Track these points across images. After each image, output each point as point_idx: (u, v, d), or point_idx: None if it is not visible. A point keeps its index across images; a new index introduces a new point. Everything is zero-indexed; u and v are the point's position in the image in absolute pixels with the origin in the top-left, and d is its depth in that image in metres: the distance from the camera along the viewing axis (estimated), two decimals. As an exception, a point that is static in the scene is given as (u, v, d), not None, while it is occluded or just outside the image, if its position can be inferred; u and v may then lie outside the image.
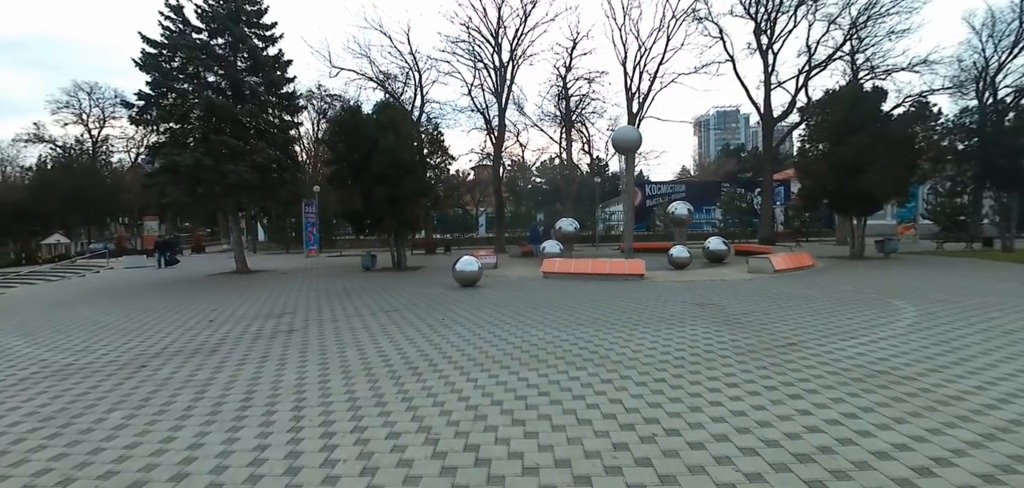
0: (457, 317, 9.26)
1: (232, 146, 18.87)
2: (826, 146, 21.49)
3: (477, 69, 30.54)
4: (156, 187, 18.84)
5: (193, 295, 13.94)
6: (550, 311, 9.57)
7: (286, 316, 9.99)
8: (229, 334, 8.41)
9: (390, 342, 7.42)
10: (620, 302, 10.45)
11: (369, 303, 11.33)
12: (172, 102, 19.78)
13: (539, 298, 11.25)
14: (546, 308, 9.93)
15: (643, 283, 13.49)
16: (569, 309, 9.75)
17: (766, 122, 31.30)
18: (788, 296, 10.92)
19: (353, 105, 19.00)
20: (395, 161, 17.89)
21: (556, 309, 9.79)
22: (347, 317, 9.61)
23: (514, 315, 9.27)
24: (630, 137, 20.64)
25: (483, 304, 10.64)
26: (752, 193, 45.15)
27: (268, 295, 13.38)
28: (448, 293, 12.55)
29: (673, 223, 23.63)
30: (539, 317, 9.01)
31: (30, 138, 49.08)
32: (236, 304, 11.91)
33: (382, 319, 9.27)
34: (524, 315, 9.23)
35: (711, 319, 8.53)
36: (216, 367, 6.39)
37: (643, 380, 5.38)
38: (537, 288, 13.03)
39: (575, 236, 24.71)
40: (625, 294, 11.57)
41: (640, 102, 31.24)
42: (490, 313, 9.55)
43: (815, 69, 28.53)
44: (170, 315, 10.63)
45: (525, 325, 8.34)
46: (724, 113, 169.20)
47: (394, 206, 18.41)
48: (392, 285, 14.69)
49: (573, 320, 8.65)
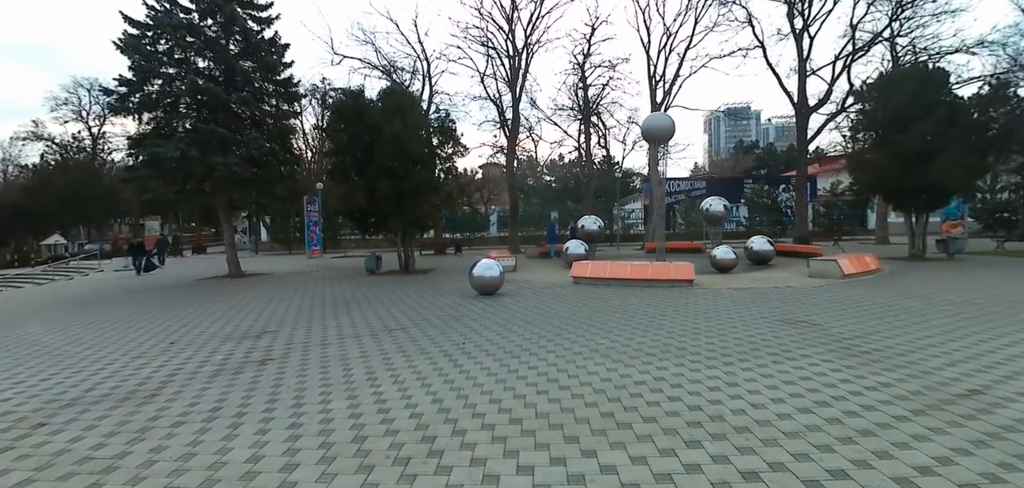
0: (482, 339, 7.21)
1: (222, 136, 16.95)
2: (880, 135, 19.31)
3: (490, 56, 28.50)
4: (137, 182, 16.96)
5: (168, 305, 12.01)
6: (599, 331, 7.50)
7: (266, 336, 7.99)
8: (185, 365, 6.41)
9: (394, 383, 5.38)
10: (682, 318, 8.35)
11: (370, 317, 9.31)
12: (158, 89, 17.94)
13: (579, 312, 9.17)
14: (593, 326, 7.85)
15: (695, 291, 11.37)
16: (622, 328, 7.66)
17: (800, 113, 28.99)
18: (886, 308, 8.76)
19: (355, 89, 16.95)
20: (402, 151, 15.87)
21: (606, 328, 7.71)
22: (341, 339, 7.58)
23: (555, 337, 7.19)
24: (662, 125, 18.44)
25: (511, 320, 8.58)
26: (776, 190, 42.92)
27: (255, 305, 11.41)
28: (465, 304, 10.51)
29: (707, 221, 21.45)
30: (588, 340, 6.93)
31: (28, 136, 47.74)
32: (213, 318, 9.94)
33: (385, 343, 7.23)
34: (568, 337, 7.16)
35: (821, 345, 6.41)
36: (139, 430, 4.37)
37: (812, 478, 3.28)
38: (570, 297, 10.95)
39: (599, 235, 22.65)
40: (682, 306, 9.46)
41: (665, 90, 29.01)
42: (523, 333, 7.49)
43: (859, 52, 26.14)
44: (128, 333, 8.68)
45: (575, 354, 6.27)
46: (735, 110, 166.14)
47: (401, 202, 16.39)
48: (399, 292, 12.68)
49: (636, 347, 6.56)
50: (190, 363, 6.49)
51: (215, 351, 7.11)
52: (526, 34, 27.98)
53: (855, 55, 26.16)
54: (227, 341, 7.76)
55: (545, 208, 40.54)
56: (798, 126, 29.77)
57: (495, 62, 28.90)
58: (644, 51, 29.23)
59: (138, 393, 5.36)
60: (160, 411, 4.78)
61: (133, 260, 23.48)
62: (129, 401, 5.10)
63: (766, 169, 66.60)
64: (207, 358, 6.70)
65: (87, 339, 8.38)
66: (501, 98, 29.10)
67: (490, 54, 28.49)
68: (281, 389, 5.28)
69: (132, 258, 23.67)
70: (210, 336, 8.19)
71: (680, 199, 41.65)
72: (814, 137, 29.39)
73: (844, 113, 28.02)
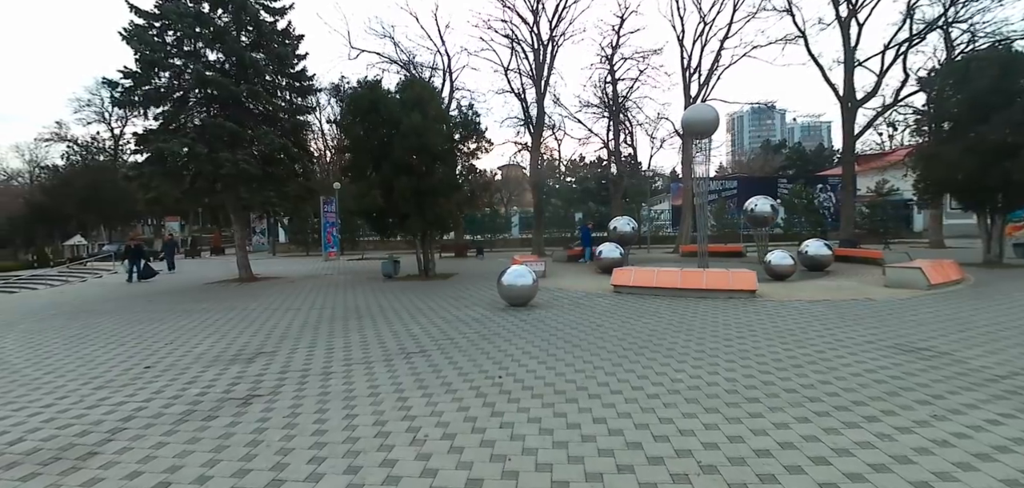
0: (521, 370, 5.74)
1: (230, 131, 15.84)
2: (951, 127, 17.32)
3: (514, 49, 27.05)
4: (141, 180, 15.93)
5: (164, 314, 10.82)
6: (669, 358, 5.96)
7: (260, 359, 6.65)
8: (150, 402, 5.08)
9: (411, 443, 3.93)
10: (764, 340, 6.75)
11: (385, 335, 7.92)
12: (166, 82, 16.95)
13: (633, 330, 7.63)
14: (658, 351, 6.31)
15: (761, 304, 9.72)
16: (695, 354, 6.11)
17: (846, 106, 26.87)
18: (1012, 328, 7.04)
19: (371, 80, 15.67)
20: (421, 146, 14.53)
21: (674, 354, 6.16)
22: (348, 366, 6.19)
23: (615, 368, 5.67)
24: (706, 117, 16.74)
25: (553, 341, 7.08)
26: (813, 190, 40.56)
27: (257, 316, 10.15)
28: (494, 317, 9.05)
29: (752, 222, 19.64)
30: (660, 373, 5.40)
31: (52, 137, 47.93)
32: (207, 332, 8.67)
33: (401, 373, 5.81)
34: (632, 367, 5.64)
35: (976, 388, 4.76)
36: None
37: None
38: (616, 310, 9.41)
39: (633, 237, 21.02)
40: (756, 323, 7.85)
41: (701, 82, 27.18)
42: (571, 360, 5.99)
43: (915, 39, 23.97)
44: (104, 352, 7.44)
45: (651, 398, 4.75)
46: (759, 109, 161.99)
47: (420, 201, 15.05)
48: (419, 301, 11.29)
49: (728, 386, 5.00)
50: (157, 399, 5.16)
51: (194, 380, 5.77)
52: (551, 26, 26.49)
53: (912, 42, 23.99)
54: (213, 365, 6.43)
55: (566, 210, 38.86)
56: (844, 121, 27.61)
57: (519, 55, 27.46)
58: (677, 42, 27.47)
59: (72, 450, 4.01)
60: (85, 486, 3.42)
61: (128, 265, 19.95)
62: (54, 465, 3.76)
63: (793, 169, 63.92)
64: (181, 392, 5.36)
65: (56, 358, 7.16)
66: (525, 93, 27.66)
67: (514, 47, 27.06)
68: (258, 450, 3.88)
69: (127, 262, 20.08)
70: (195, 357, 6.88)
71: (710, 199, 39.66)
72: (864, 131, 27.23)
73: (897, 105, 25.91)
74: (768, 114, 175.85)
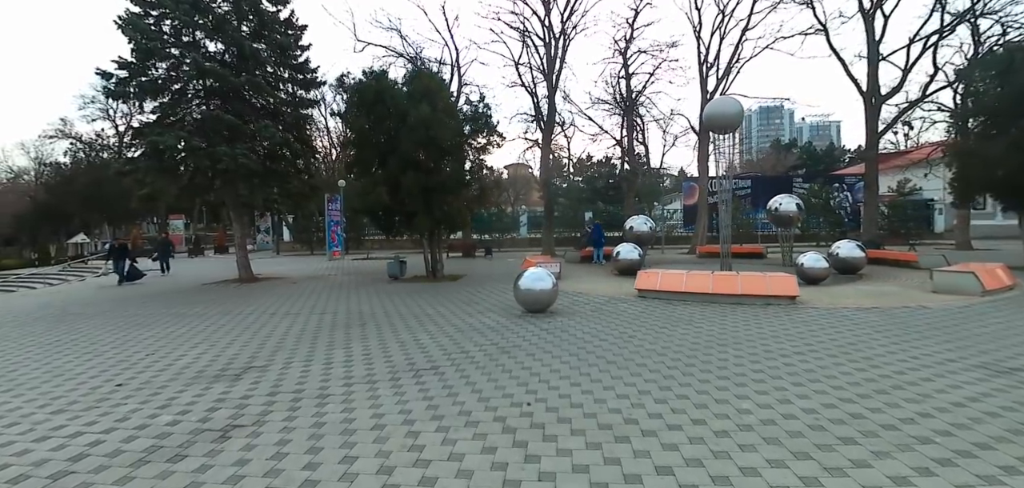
0: (552, 394, 4.86)
1: (229, 124, 15.07)
2: (991, 122, 16.31)
3: (525, 42, 26.14)
4: (135, 176, 15.17)
5: (153, 319, 10.02)
6: (724, 381, 5.07)
7: (249, 376, 5.82)
8: (109, 435, 4.25)
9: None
10: (825, 359, 5.84)
11: (391, 346, 7.07)
12: (164, 74, 16.21)
13: (672, 343, 6.74)
14: (708, 372, 5.41)
15: (806, 311, 8.79)
16: (754, 376, 5.22)
17: (869, 103, 25.77)
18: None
19: (377, 70, 14.83)
20: (430, 140, 13.67)
21: (728, 375, 5.27)
22: (348, 386, 5.34)
23: (664, 393, 4.79)
24: (730, 111, 15.79)
25: (583, 356, 6.21)
26: (829, 188, 39.41)
27: (253, 322, 9.34)
28: (512, 325, 8.19)
29: (776, 222, 18.69)
30: (719, 401, 4.51)
31: (56, 134, 47.49)
32: (194, 341, 7.86)
33: (410, 397, 4.96)
34: (683, 393, 4.75)
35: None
36: None
37: None
38: (646, 318, 8.52)
39: (651, 237, 20.10)
40: (810, 337, 6.93)
41: (719, 76, 26.16)
42: (609, 383, 5.11)
43: (946, 30, 22.85)
44: (76, 364, 6.63)
45: (718, 435, 3.86)
46: (768, 108, 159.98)
47: (428, 198, 14.21)
48: (427, 306, 10.45)
49: (809, 419, 4.10)
50: (119, 430, 4.33)
51: (168, 404, 4.94)
52: (562, 18, 25.57)
53: (942, 34, 22.88)
54: (193, 383, 5.61)
55: (573, 210, 37.88)
56: (867, 117, 26.49)
57: (530, 49, 26.55)
58: (694, 35, 26.44)
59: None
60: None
61: (114, 266, 18.19)
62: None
63: (804, 169, 62.67)
64: (149, 420, 4.53)
65: (24, 371, 6.36)
66: (536, 88, 26.76)
67: (525, 41, 26.16)
68: (230, 509, 3.04)
69: (113, 263, 18.29)
70: (176, 373, 6.06)
71: (725, 198, 38.60)
72: (889, 127, 26.10)
73: (925, 101, 24.79)
74: (776, 113, 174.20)
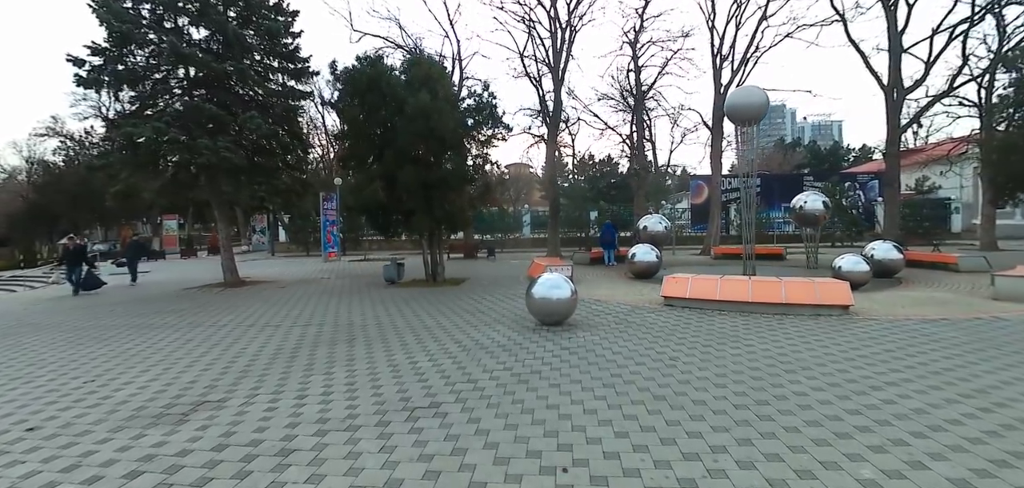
0: (590, 448, 3.61)
1: (211, 114, 13.83)
2: None
3: (530, 32, 24.87)
4: (108, 170, 13.94)
5: (111, 332, 8.78)
6: (813, 431, 3.80)
7: (199, 415, 4.58)
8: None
9: None
10: (933, 395, 4.58)
11: (382, 371, 5.83)
12: (143, 61, 14.99)
13: (724, 370, 5.48)
14: (789, 416, 4.15)
15: (866, 325, 7.55)
16: (849, 420, 3.96)
17: (891, 96, 24.50)
18: None
19: (373, 55, 13.58)
20: (429, 131, 12.42)
21: (816, 420, 4.01)
22: (321, 436, 4.08)
23: (746, 455, 3.53)
24: (755, 101, 14.53)
25: (620, 388, 4.95)
26: (843, 187, 38.18)
27: (224, 337, 8.10)
28: (527, 343, 6.94)
29: (801, 221, 17.42)
30: (822, 468, 3.27)
31: (46, 132, 46.25)
32: (147, 362, 6.62)
33: (402, 452, 3.71)
34: (769, 450, 3.50)
35: None
36: None
37: None
38: (682, 335, 7.26)
39: (666, 237, 18.88)
40: (893, 361, 5.68)
41: (734, 68, 24.89)
42: (663, 431, 3.85)
43: (975, 17, 21.56)
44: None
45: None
46: (770, 107, 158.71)
47: (428, 195, 12.98)
48: (426, 317, 9.21)
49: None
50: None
51: (79, 462, 3.70)
52: (569, 7, 24.31)
53: (973, 22, 21.61)
54: (125, 427, 4.36)
55: (577, 209, 36.59)
56: (888, 111, 25.23)
57: (535, 41, 25.31)
58: (707, 26, 25.16)
59: None
60: None
61: (67, 273, 15.42)
62: None
63: (808, 168, 61.43)
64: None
65: (-77, 406, 5.13)
66: (541, 81, 25.50)
67: (531, 31, 24.90)
68: None
69: (66, 270, 15.49)
70: (109, 410, 4.82)
71: (732, 197, 37.43)
72: (914, 120, 24.83)
73: (952, 93, 23.50)
74: (778, 112, 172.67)
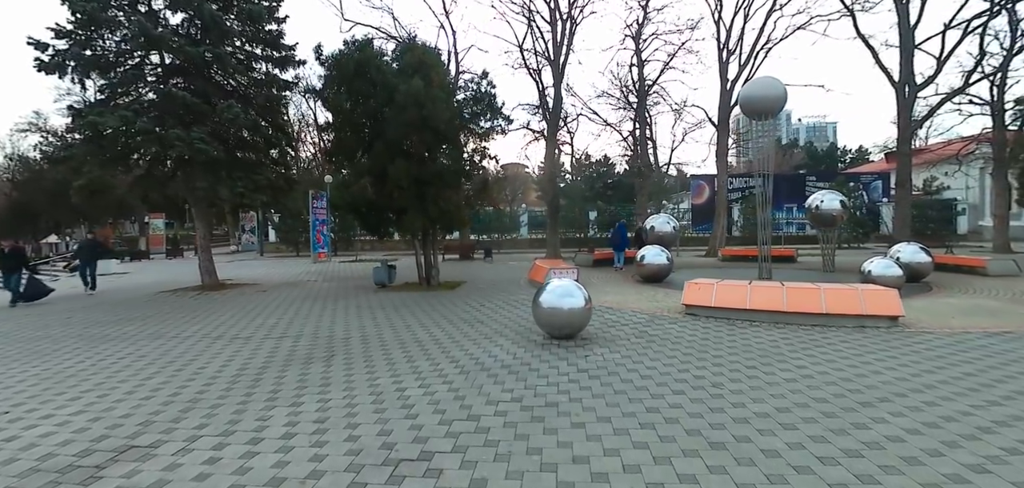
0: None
1: (185, 103, 12.72)
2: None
3: (530, 25, 23.86)
4: (72, 164, 12.82)
5: (55, 344, 7.68)
6: (912, 483, 2.85)
7: (117, 467, 3.54)
8: None
9: None
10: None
11: (362, 402, 4.79)
12: (115, 47, 13.89)
13: (777, 394, 4.45)
14: (874, 462, 3.17)
15: (920, 338, 6.57)
16: (962, 475, 2.99)
17: (902, 93, 23.66)
18: None
19: (361, 40, 12.50)
20: (423, 121, 11.37)
21: (921, 473, 3.04)
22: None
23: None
24: (772, 92, 13.55)
25: (658, 426, 3.94)
26: (848, 187, 37.48)
27: (181, 352, 7.03)
28: (536, 363, 5.91)
29: (817, 222, 16.48)
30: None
31: (29, 127, 44.78)
32: (82, 387, 5.55)
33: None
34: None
35: None
36: None
37: None
38: (715, 352, 6.25)
39: (674, 238, 17.92)
40: (972, 381, 4.69)
41: (741, 63, 23.99)
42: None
43: (995, 8, 20.72)
44: None
45: None
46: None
47: (422, 192, 11.93)
48: (419, 328, 8.17)
49: None
50: None
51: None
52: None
53: (992, 14, 20.78)
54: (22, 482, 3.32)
55: (580, 209, 35.60)
56: (899, 109, 24.40)
57: (534, 33, 24.30)
58: (713, 19, 24.25)
59: None
60: None
61: (3, 281, 13.31)
62: None
63: (804, 169, 60.87)
64: None
65: None
66: (541, 75, 24.51)
67: (530, 23, 23.88)
68: None
69: (4, 275, 13.26)
70: (9, 458, 3.76)
71: (736, 197, 36.61)
72: (928, 118, 24.00)
73: (966, 89, 22.70)
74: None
